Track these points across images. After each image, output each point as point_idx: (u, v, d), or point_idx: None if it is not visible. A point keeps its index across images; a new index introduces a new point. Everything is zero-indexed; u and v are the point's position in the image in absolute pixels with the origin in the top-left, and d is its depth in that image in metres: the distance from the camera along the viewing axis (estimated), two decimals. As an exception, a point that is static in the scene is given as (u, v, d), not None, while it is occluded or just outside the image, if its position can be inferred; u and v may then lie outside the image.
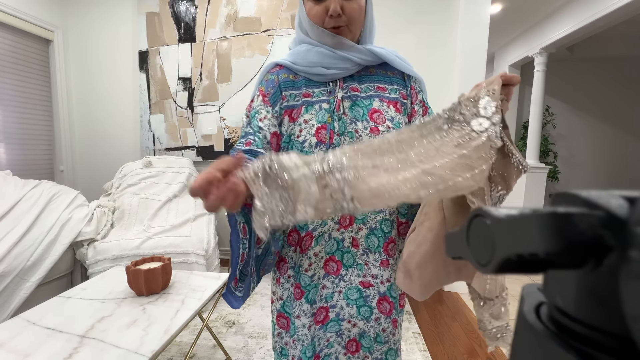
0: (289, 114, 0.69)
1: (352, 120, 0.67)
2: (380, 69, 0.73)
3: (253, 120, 0.69)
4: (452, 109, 0.53)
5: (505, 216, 0.15)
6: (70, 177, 3.19)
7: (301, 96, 0.70)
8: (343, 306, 0.70)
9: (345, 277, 0.69)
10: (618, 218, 0.13)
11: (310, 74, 0.70)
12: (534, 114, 3.89)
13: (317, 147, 0.66)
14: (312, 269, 0.69)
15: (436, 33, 2.61)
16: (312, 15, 0.67)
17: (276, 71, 0.72)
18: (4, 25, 2.62)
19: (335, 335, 0.70)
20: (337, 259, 0.69)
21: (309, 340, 0.69)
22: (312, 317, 0.69)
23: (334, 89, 0.69)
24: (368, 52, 0.69)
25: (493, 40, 4.33)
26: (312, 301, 0.69)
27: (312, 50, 0.69)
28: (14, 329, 1.05)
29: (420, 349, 1.73)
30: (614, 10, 2.79)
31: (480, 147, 0.48)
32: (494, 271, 0.15)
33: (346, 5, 0.64)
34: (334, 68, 0.68)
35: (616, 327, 0.13)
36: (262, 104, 0.70)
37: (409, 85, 0.73)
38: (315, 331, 0.69)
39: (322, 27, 0.67)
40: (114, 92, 3.13)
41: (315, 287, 0.69)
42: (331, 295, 0.69)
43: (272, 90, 0.70)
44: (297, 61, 0.70)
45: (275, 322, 0.76)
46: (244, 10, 2.82)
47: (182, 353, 1.65)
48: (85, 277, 2.08)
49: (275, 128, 0.69)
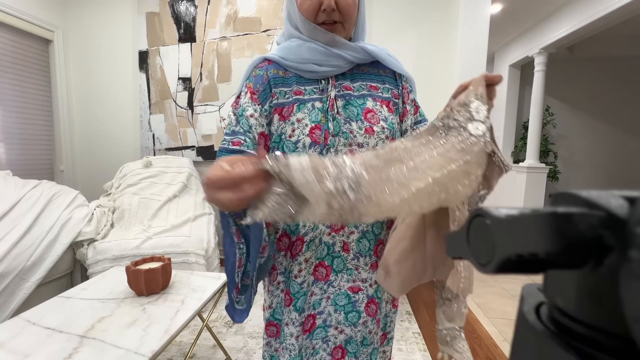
0: (279, 112, 0.66)
1: (347, 120, 0.65)
2: (372, 67, 0.71)
3: (242, 119, 0.65)
4: (446, 116, 0.52)
5: (505, 216, 0.15)
6: (70, 177, 3.19)
7: (292, 93, 0.66)
8: (331, 312, 0.68)
9: (335, 283, 0.68)
10: (618, 218, 0.13)
11: (301, 70, 0.67)
12: (534, 114, 3.89)
13: (312, 148, 0.64)
14: (302, 276, 0.67)
15: (436, 33, 2.61)
16: (304, 10, 0.64)
17: (265, 66, 0.68)
18: (4, 25, 2.62)
19: (320, 342, 0.69)
20: (326, 264, 0.67)
21: (296, 351, 0.68)
22: (300, 327, 0.67)
23: (326, 87, 0.67)
24: (361, 50, 0.67)
25: (493, 40, 4.33)
26: (301, 310, 0.67)
27: (303, 45, 0.66)
28: (14, 329, 1.05)
29: (420, 349, 1.73)
30: (614, 10, 2.78)
31: (480, 153, 0.47)
32: (494, 271, 0.15)
33: (340, 1, 0.62)
34: (326, 65, 0.66)
35: (616, 327, 0.13)
36: (249, 102, 0.66)
37: (401, 85, 0.72)
38: (303, 341, 0.68)
39: (314, 21, 0.64)
40: (114, 92, 3.13)
41: (304, 295, 0.67)
42: (319, 302, 0.68)
43: (260, 87, 0.67)
44: (287, 57, 0.67)
45: (264, 332, 0.75)
46: (244, 10, 2.82)
47: (182, 353, 1.65)
48: (85, 277, 2.08)
49: (263, 128, 0.66)
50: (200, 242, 2.15)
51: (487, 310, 2.21)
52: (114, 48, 3.09)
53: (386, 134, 0.66)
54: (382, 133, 0.66)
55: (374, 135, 0.65)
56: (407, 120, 0.71)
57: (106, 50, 3.11)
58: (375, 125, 0.66)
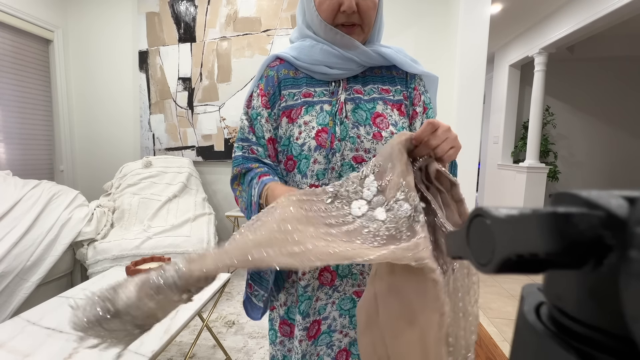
0: (288, 115, 0.66)
1: (355, 125, 0.64)
2: (385, 69, 0.70)
3: (256, 124, 0.67)
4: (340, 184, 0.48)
5: (505, 216, 0.15)
6: (70, 177, 3.19)
7: (301, 95, 0.66)
8: (335, 317, 0.68)
9: (340, 288, 0.67)
10: (618, 218, 0.13)
11: (312, 71, 0.67)
12: (534, 114, 3.89)
13: (317, 151, 0.63)
14: (306, 279, 0.66)
15: (436, 33, 2.61)
16: (323, 10, 0.63)
17: (276, 66, 0.69)
18: (4, 25, 2.62)
19: (325, 348, 0.68)
20: (331, 269, 0.67)
21: (299, 355, 0.67)
22: (305, 332, 0.66)
23: (336, 90, 0.66)
24: (377, 55, 0.66)
25: (493, 40, 4.32)
26: (305, 314, 0.66)
27: (316, 46, 0.65)
28: (14, 329, 1.05)
29: (420, 349, 1.73)
30: (614, 10, 2.78)
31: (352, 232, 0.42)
32: (494, 271, 0.15)
33: (361, 2, 0.61)
34: (338, 68, 0.65)
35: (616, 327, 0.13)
36: (261, 107, 0.68)
37: (412, 86, 0.70)
38: (307, 347, 0.67)
39: (332, 22, 0.63)
40: (114, 92, 3.13)
41: (308, 299, 0.66)
42: (324, 307, 0.67)
43: (271, 89, 0.68)
44: (299, 57, 0.67)
45: (277, 330, 0.73)
46: (244, 10, 2.82)
47: (182, 353, 1.65)
48: (85, 277, 2.08)
49: (270, 133, 0.67)
50: (200, 242, 2.15)
51: (487, 310, 2.21)
52: (114, 48, 3.09)
53: None
54: (390, 138, 0.64)
55: (382, 141, 0.64)
56: (416, 122, 0.69)
57: (106, 50, 3.11)
58: (384, 131, 0.65)
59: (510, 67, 4.44)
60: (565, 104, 4.61)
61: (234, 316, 2.02)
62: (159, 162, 2.75)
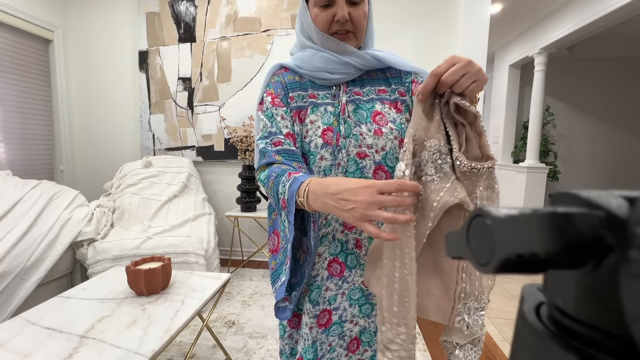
0: (298, 115, 0.71)
1: (357, 123, 0.69)
2: (380, 72, 0.75)
3: (273, 120, 0.70)
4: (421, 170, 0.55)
5: (505, 216, 0.15)
6: (70, 177, 3.19)
7: (308, 97, 0.72)
8: (346, 307, 0.71)
9: (349, 279, 0.71)
10: (618, 218, 0.13)
11: (314, 78, 0.72)
12: (534, 114, 3.89)
13: (324, 149, 0.68)
14: (316, 269, 0.70)
15: (436, 33, 2.61)
16: (319, 22, 0.68)
17: (281, 73, 0.74)
18: (4, 25, 2.62)
19: (337, 339, 0.71)
20: (340, 261, 0.70)
21: (309, 341, 0.69)
22: (315, 319, 0.70)
23: (337, 93, 0.72)
24: (371, 58, 0.71)
25: (493, 40, 4.33)
26: (315, 302, 0.70)
27: (316, 55, 0.71)
28: (14, 329, 1.05)
29: (420, 349, 1.73)
30: (614, 10, 2.78)
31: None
32: (494, 271, 0.15)
33: (353, 12, 0.67)
34: (338, 73, 0.71)
35: (616, 327, 0.13)
36: (275, 106, 0.71)
37: (409, 80, 0.74)
38: (318, 334, 0.70)
39: (327, 32, 0.69)
40: (114, 92, 3.13)
41: (318, 288, 0.70)
42: (334, 298, 0.70)
43: (281, 92, 0.72)
44: (302, 65, 0.72)
45: (286, 325, 0.77)
46: (244, 10, 2.82)
47: (182, 353, 1.65)
48: (85, 277, 2.08)
49: (288, 129, 0.70)
50: (200, 242, 2.15)
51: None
52: (114, 48, 3.09)
53: (394, 135, 0.69)
54: (390, 134, 0.69)
55: (383, 137, 0.69)
56: None
57: (106, 50, 3.11)
58: (384, 127, 0.69)
59: (510, 67, 4.44)
60: (565, 104, 4.61)
61: (234, 316, 2.02)
62: (159, 162, 2.75)
